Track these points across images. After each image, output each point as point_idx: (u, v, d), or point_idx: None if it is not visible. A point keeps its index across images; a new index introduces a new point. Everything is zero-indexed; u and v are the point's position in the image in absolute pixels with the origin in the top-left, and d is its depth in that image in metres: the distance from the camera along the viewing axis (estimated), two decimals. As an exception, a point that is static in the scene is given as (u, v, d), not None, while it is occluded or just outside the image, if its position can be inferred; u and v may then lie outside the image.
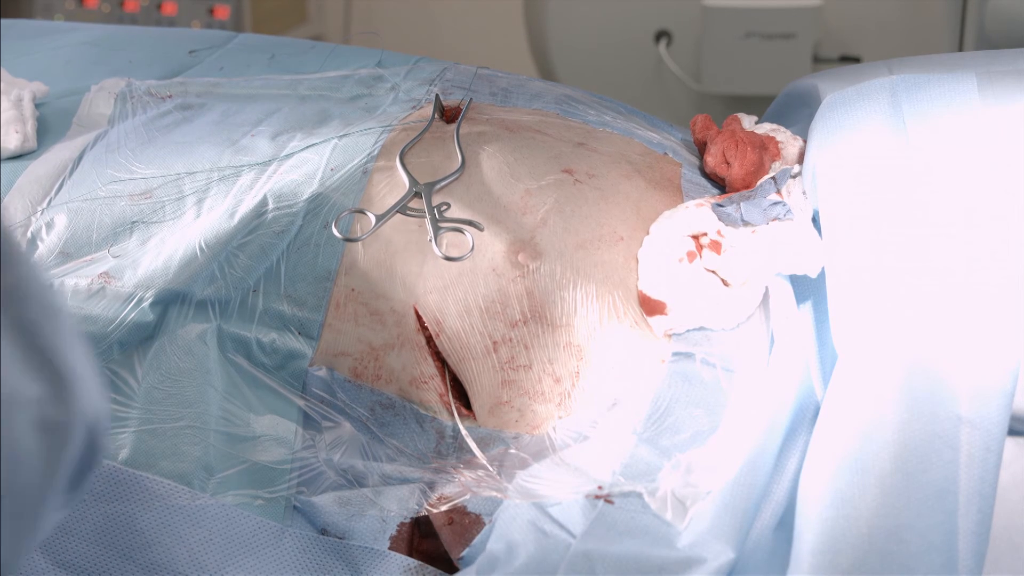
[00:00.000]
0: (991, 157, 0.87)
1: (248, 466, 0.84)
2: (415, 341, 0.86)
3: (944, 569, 0.71)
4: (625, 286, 0.87)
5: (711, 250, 0.88)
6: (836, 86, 0.98)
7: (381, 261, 0.88)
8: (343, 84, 1.06)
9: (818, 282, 0.88)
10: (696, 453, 0.81)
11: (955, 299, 0.80)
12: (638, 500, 0.78)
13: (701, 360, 0.85)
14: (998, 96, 0.90)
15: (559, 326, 0.86)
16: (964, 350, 0.78)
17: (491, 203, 0.90)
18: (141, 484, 0.81)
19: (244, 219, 0.89)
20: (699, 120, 1.00)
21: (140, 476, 0.81)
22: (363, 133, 0.95)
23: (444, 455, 0.85)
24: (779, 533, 0.78)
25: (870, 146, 0.90)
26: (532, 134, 0.96)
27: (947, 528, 0.72)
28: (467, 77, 1.05)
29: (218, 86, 1.06)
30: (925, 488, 0.73)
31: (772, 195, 0.92)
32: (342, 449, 0.85)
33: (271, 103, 1.03)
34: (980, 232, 0.83)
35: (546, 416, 0.85)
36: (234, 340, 0.87)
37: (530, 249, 0.88)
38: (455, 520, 0.81)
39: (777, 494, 0.81)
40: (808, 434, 0.83)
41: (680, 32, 1.71)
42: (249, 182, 0.92)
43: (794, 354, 0.85)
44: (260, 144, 0.96)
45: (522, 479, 0.81)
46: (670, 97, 1.75)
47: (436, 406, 0.86)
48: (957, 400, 0.76)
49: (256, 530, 0.81)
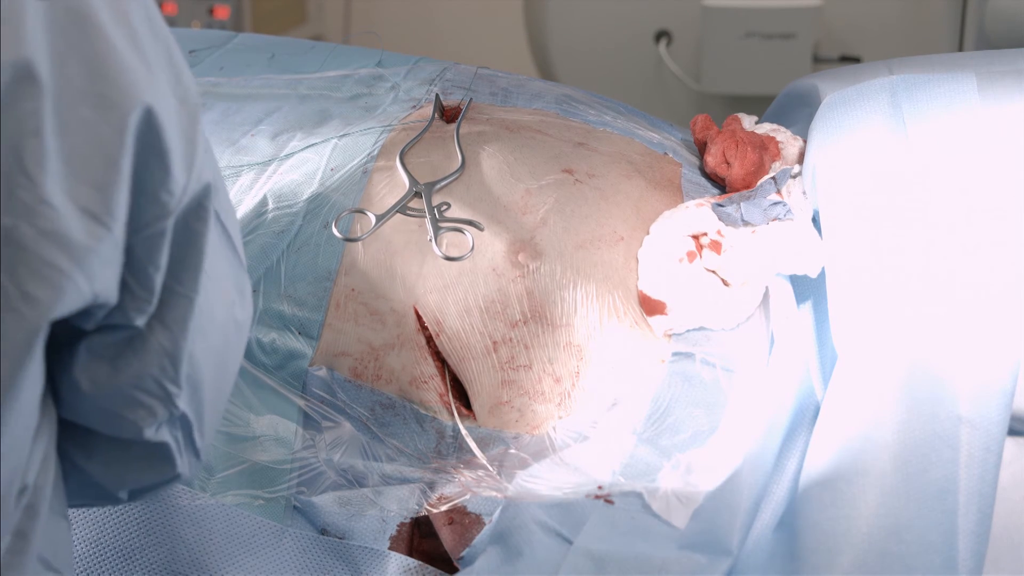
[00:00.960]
0: (991, 157, 0.87)
1: (248, 466, 0.84)
2: (415, 341, 0.86)
3: (944, 569, 0.71)
4: (625, 286, 0.87)
5: (711, 250, 0.88)
6: (836, 86, 0.98)
7: (381, 261, 0.88)
8: (343, 84, 1.05)
9: (818, 282, 0.88)
10: (696, 453, 0.81)
11: (955, 299, 0.80)
12: (638, 500, 0.78)
13: (701, 360, 0.85)
14: (998, 96, 0.90)
15: (559, 326, 0.86)
16: (964, 350, 0.78)
17: (491, 203, 0.90)
18: (141, 484, 0.81)
19: (244, 219, 0.90)
20: (699, 120, 1.00)
21: (140, 476, 0.81)
22: (363, 133, 0.95)
23: (444, 455, 0.85)
24: (779, 533, 0.78)
25: (870, 146, 0.90)
26: (532, 134, 0.96)
27: (947, 528, 0.72)
28: (467, 77, 1.05)
29: (218, 86, 1.06)
30: (925, 488, 0.73)
31: (772, 195, 0.92)
32: (342, 449, 0.85)
33: (271, 102, 1.03)
34: (980, 232, 0.83)
35: (546, 416, 0.85)
36: (234, 340, 0.87)
37: (530, 249, 0.88)
38: (455, 520, 0.81)
39: (777, 494, 0.81)
40: (808, 434, 0.83)
41: (680, 32, 1.71)
42: (249, 182, 0.92)
43: (794, 354, 0.85)
44: (260, 144, 0.96)
45: (522, 479, 0.81)
46: (670, 97, 1.75)
47: (436, 406, 0.86)
48: (957, 400, 0.76)
49: (256, 530, 0.81)
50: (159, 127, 0.53)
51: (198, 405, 0.60)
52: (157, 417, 0.57)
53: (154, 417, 0.57)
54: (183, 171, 0.55)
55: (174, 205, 0.55)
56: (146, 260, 0.55)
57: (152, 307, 0.56)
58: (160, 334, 0.56)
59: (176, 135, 0.55)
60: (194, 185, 0.56)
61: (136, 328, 0.55)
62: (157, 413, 0.57)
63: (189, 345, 0.57)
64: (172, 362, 0.57)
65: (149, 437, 0.57)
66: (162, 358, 0.56)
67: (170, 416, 0.58)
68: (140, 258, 0.54)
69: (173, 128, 0.55)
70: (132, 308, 0.55)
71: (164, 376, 0.57)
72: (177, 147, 0.55)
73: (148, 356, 0.56)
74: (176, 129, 0.55)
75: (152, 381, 0.56)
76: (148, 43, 0.55)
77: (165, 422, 0.58)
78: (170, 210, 0.55)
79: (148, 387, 0.56)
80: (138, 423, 0.57)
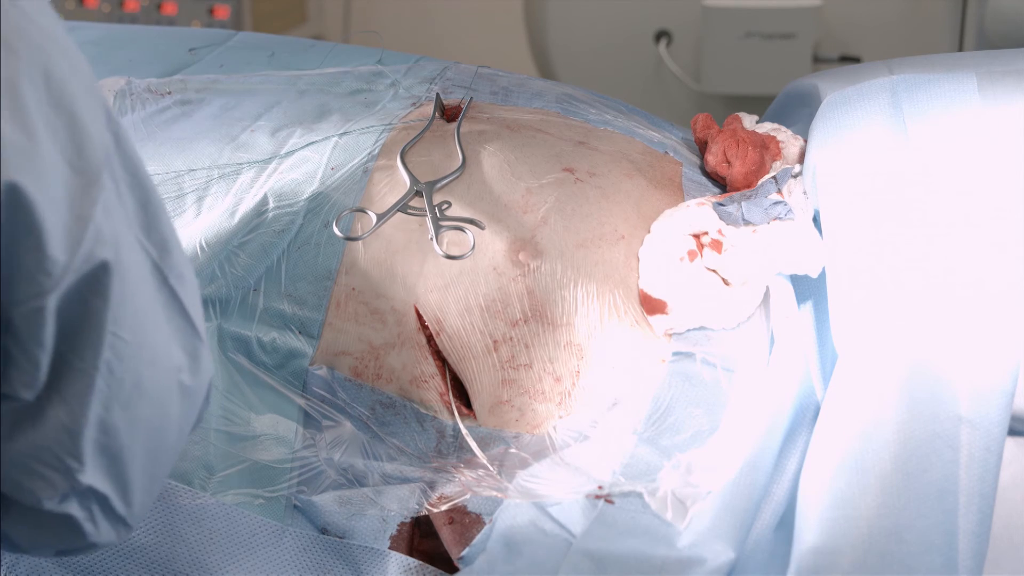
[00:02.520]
0: (991, 157, 0.87)
1: (248, 465, 0.84)
2: (415, 340, 0.86)
3: (944, 569, 0.71)
4: (626, 285, 0.87)
5: (712, 249, 0.88)
6: (836, 86, 0.98)
7: (382, 260, 0.88)
8: (342, 79, 1.05)
9: (818, 282, 0.88)
10: (696, 453, 0.81)
11: (955, 299, 0.80)
12: (638, 500, 0.78)
13: (701, 360, 0.85)
14: (998, 96, 0.90)
15: (559, 325, 0.86)
16: (964, 350, 0.78)
17: (492, 202, 0.90)
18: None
19: (245, 218, 0.89)
20: (700, 119, 1.00)
21: (140, 475, 0.81)
22: (364, 132, 0.95)
23: (444, 454, 0.85)
24: (779, 533, 0.78)
25: (870, 146, 0.90)
26: (533, 133, 0.96)
27: (947, 528, 0.72)
28: (468, 76, 1.05)
29: (217, 82, 1.06)
30: (925, 488, 0.73)
31: (773, 194, 0.92)
32: (342, 448, 0.85)
33: (270, 97, 1.03)
34: (980, 232, 0.83)
35: (546, 415, 0.85)
36: (235, 339, 0.87)
37: (531, 248, 0.88)
38: (455, 520, 0.81)
39: (777, 494, 0.81)
40: (808, 434, 0.83)
41: (680, 32, 1.71)
42: (249, 181, 0.92)
43: (794, 354, 0.85)
44: (260, 140, 0.96)
45: (522, 479, 0.81)
46: (670, 97, 1.75)
47: (436, 405, 0.86)
48: (957, 400, 0.76)
49: (256, 529, 0.81)
50: (28, 205, 0.51)
51: (119, 475, 0.59)
52: (57, 489, 0.56)
53: (53, 489, 0.56)
54: (63, 250, 0.53)
55: (51, 285, 0.53)
56: (28, 335, 0.54)
57: (40, 383, 0.55)
58: (58, 408, 0.56)
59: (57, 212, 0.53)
60: (81, 264, 0.54)
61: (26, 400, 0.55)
62: (56, 485, 0.56)
63: (98, 415, 0.56)
64: (71, 436, 0.56)
65: (51, 508, 0.57)
66: (59, 432, 0.56)
67: (72, 488, 0.57)
68: (22, 332, 0.53)
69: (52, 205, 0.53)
70: (18, 382, 0.54)
71: (62, 450, 0.56)
72: (56, 225, 0.53)
73: (44, 429, 0.56)
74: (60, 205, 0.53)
75: (49, 454, 0.56)
76: (38, 112, 0.53)
77: (71, 494, 0.57)
78: (46, 289, 0.53)
79: (45, 459, 0.56)
80: (36, 493, 0.56)
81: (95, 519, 0.59)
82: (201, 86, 1.05)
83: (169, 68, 1.11)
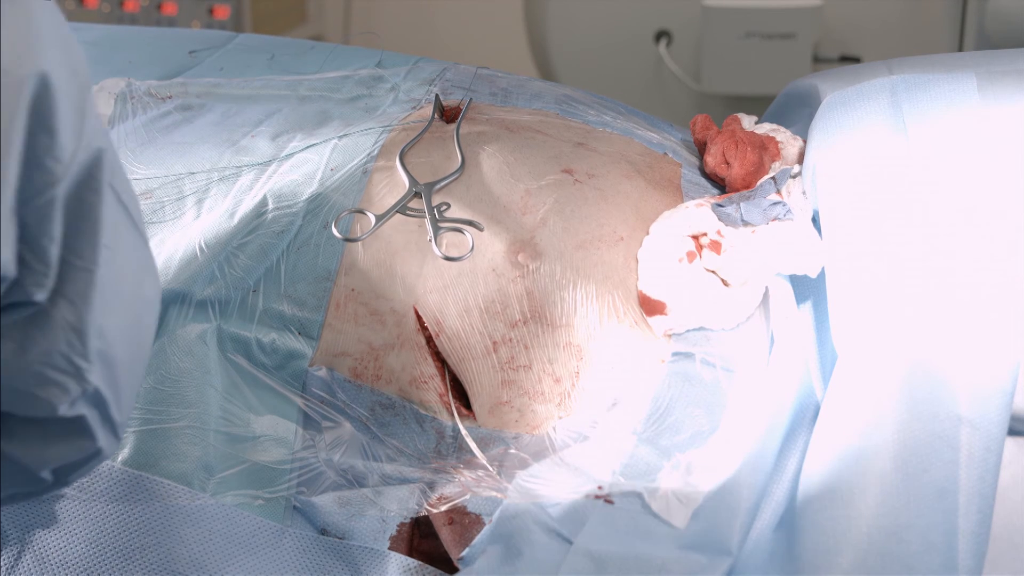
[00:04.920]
0: (991, 157, 0.87)
1: (248, 466, 0.84)
2: (415, 341, 0.86)
3: (944, 569, 0.71)
4: (625, 286, 0.87)
5: (711, 250, 0.88)
6: (836, 86, 0.98)
7: (381, 261, 0.88)
8: (343, 85, 1.06)
9: (818, 282, 0.88)
10: (696, 453, 0.81)
11: (955, 299, 0.80)
12: (638, 500, 0.78)
13: (701, 360, 0.85)
14: (998, 96, 0.90)
15: (559, 326, 0.86)
16: (964, 350, 0.78)
17: (491, 203, 0.90)
18: (141, 484, 0.81)
19: (244, 219, 0.90)
20: (699, 120, 1.00)
21: (140, 476, 0.81)
22: (363, 133, 0.95)
23: (444, 455, 0.85)
24: (779, 533, 0.78)
25: (870, 146, 0.90)
26: (532, 134, 0.96)
27: (947, 528, 0.72)
28: (467, 77, 1.05)
29: (218, 87, 1.06)
30: (925, 488, 0.73)
31: (772, 195, 0.92)
32: (342, 449, 0.85)
33: (271, 104, 1.03)
34: (980, 232, 0.83)
35: (546, 416, 0.85)
36: (234, 340, 0.87)
37: (530, 249, 0.88)
38: (455, 520, 0.81)
39: (777, 494, 0.81)
40: (808, 434, 0.83)
41: (680, 32, 1.71)
42: (249, 182, 0.92)
43: (794, 354, 0.85)
44: (260, 144, 0.96)
45: (522, 479, 0.81)
46: (670, 97, 1.75)
47: (436, 406, 0.86)
48: (957, 400, 0.76)
49: (256, 530, 0.81)
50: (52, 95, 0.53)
51: (113, 382, 0.60)
52: (70, 393, 0.57)
53: (67, 394, 0.57)
54: (71, 138, 0.55)
55: (61, 172, 0.54)
56: (39, 232, 0.54)
57: (51, 280, 0.55)
58: (64, 309, 0.56)
59: (66, 103, 0.54)
60: (83, 154, 0.56)
61: (38, 304, 0.55)
62: (69, 389, 0.57)
63: (96, 319, 0.57)
64: (79, 336, 0.56)
65: (64, 413, 0.57)
66: (68, 333, 0.56)
67: (83, 392, 0.57)
68: (33, 230, 0.54)
69: (64, 96, 0.54)
70: (31, 283, 0.55)
71: (72, 351, 0.56)
72: (67, 114, 0.54)
73: (54, 332, 0.56)
74: (67, 97, 0.55)
75: (61, 357, 0.56)
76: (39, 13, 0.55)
77: (79, 398, 0.58)
78: (57, 177, 0.54)
79: (57, 363, 0.56)
80: (51, 400, 0.56)
81: (99, 423, 0.60)
82: (202, 91, 1.05)
83: (169, 70, 1.11)
